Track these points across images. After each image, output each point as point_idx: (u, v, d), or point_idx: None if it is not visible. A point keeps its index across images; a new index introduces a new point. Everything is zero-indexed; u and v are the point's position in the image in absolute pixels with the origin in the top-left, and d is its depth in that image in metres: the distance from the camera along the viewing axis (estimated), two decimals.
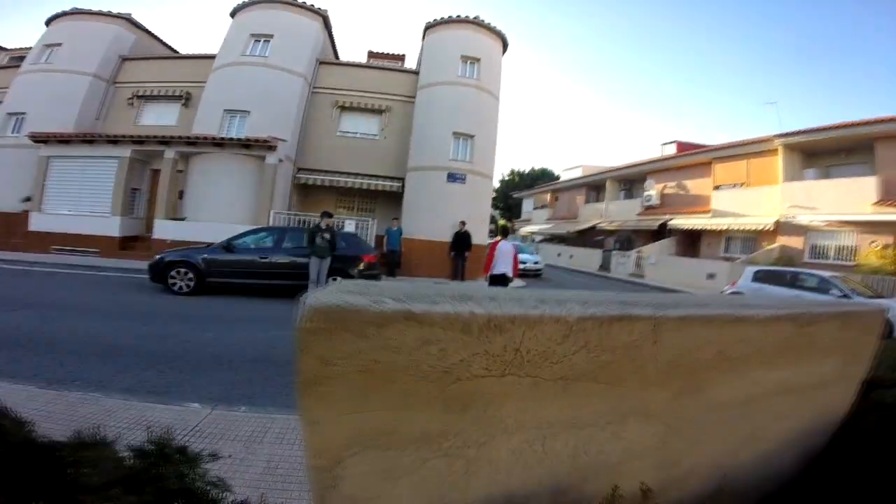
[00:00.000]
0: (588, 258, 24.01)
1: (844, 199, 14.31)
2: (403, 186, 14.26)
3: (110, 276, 9.90)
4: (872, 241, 13.74)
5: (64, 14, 15.60)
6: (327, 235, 7.83)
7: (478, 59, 14.55)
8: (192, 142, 12.66)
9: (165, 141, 12.74)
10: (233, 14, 15.19)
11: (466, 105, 14.17)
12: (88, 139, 13.05)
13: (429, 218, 13.20)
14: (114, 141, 12.97)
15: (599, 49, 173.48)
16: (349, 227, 12.32)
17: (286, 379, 4.01)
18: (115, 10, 15.70)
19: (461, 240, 12.67)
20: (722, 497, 0.71)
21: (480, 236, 13.96)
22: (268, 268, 8.31)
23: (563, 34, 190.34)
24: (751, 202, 17.35)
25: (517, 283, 13.91)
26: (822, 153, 16.40)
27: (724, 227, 18.17)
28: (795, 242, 15.86)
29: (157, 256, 8.38)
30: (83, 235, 12.70)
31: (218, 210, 12.50)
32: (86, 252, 12.52)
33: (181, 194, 13.54)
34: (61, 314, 5.78)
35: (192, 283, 8.05)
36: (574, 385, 0.73)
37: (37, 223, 12.84)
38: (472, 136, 14.05)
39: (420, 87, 14.78)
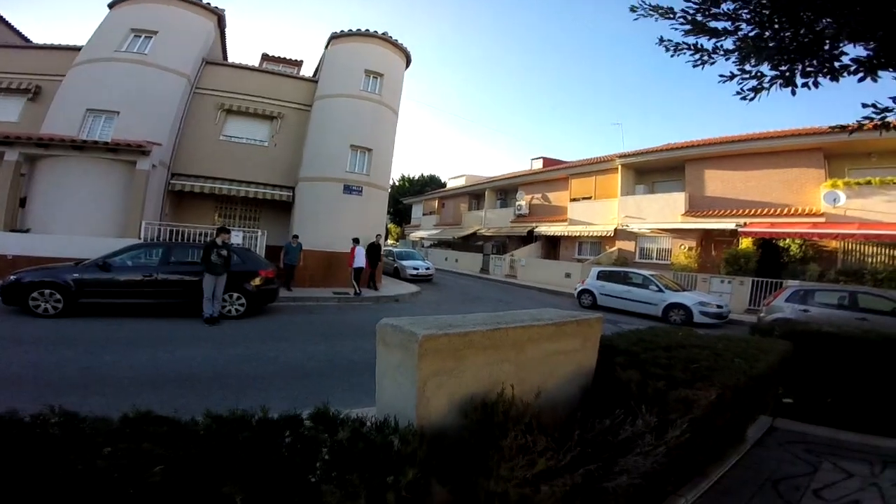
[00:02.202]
0: (471, 261, 26.13)
1: (663, 210, 18.04)
2: (294, 196, 14.20)
3: None
4: (681, 245, 17.69)
5: None
6: (224, 252, 7.80)
7: (381, 74, 14.92)
8: (44, 143, 10.96)
9: (7, 140, 10.80)
10: (111, 5, 13.45)
11: (366, 119, 14.49)
12: None
13: (324, 229, 13.30)
14: None
15: (484, 63, 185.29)
16: (236, 238, 11.89)
17: (226, 392, 4.24)
18: None
19: (374, 251, 13.48)
20: (541, 401, 1.66)
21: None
22: (155, 286, 7.93)
23: (459, 50, 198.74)
24: (597, 213, 20.85)
25: (411, 287, 14.98)
26: (650, 171, 20.34)
27: (577, 234, 21.59)
28: (629, 246, 19.56)
29: (12, 277, 7.44)
30: None
31: (74, 221, 11.03)
32: None
33: (23, 202, 11.62)
34: None
35: (59, 305, 7.36)
36: (491, 351, 1.60)
37: None
38: (370, 150, 14.48)
39: (319, 96, 14.72)
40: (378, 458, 0.95)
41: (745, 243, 14.91)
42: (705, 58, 3.07)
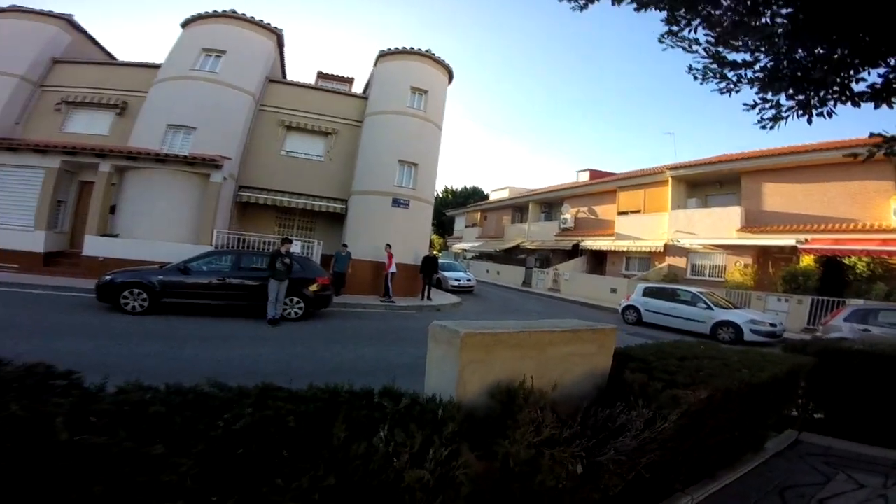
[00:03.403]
0: (513, 274, 26.24)
1: (717, 225, 17.40)
2: (346, 208, 15.11)
3: (44, 294, 9.56)
4: (736, 262, 16.99)
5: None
6: (287, 260, 8.62)
7: (426, 91, 15.66)
8: (132, 156, 12.42)
9: (101, 153, 12.35)
10: (184, 24, 14.96)
11: (412, 134, 15.23)
12: (12, 146, 12.26)
13: (372, 240, 14.02)
14: (41, 150, 12.29)
15: (526, 75, 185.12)
16: (295, 248, 12.86)
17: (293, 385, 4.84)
18: (56, 10, 14.88)
19: (429, 263, 14.21)
20: (557, 393, 2.00)
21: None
22: (227, 289, 8.86)
23: (504, 60, 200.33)
24: (646, 227, 20.39)
25: (453, 298, 15.44)
26: (703, 184, 19.70)
27: (625, 249, 21.18)
28: (680, 262, 18.99)
29: (106, 277, 8.53)
30: None
31: (155, 227, 12.35)
32: (1, 268, 11.77)
33: (113, 209, 13.15)
34: (30, 335, 6.02)
35: (145, 304, 8.37)
36: (517, 349, 1.98)
37: None
38: (416, 164, 15.20)
39: (368, 113, 15.61)
40: (428, 419, 1.35)
41: (806, 260, 14.17)
42: (731, 86, 3.29)
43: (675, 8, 2.61)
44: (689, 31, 3.00)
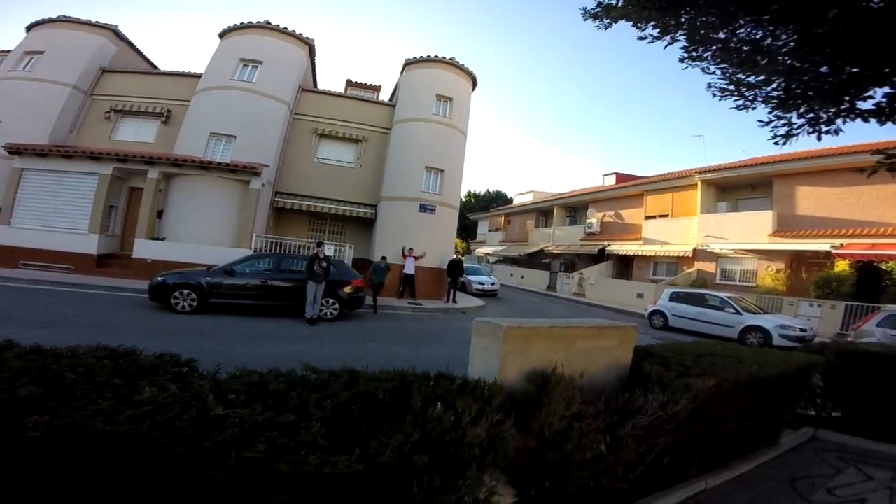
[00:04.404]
0: (537, 279, 26.30)
1: (748, 229, 17.10)
2: (376, 213, 15.64)
3: (99, 293, 10.21)
4: (768, 266, 16.67)
5: (49, 21, 15.46)
6: (324, 263, 9.13)
7: (451, 99, 16.11)
8: (178, 163, 13.21)
9: (150, 160, 13.16)
10: (221, 35, 15.71)
11: (438, 141, 15.70)
12: (67, 153, 13.15)
13: (401, 244, 14.49)
14: (95, 157, 13.10)
15: (552, 78, 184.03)
16: (328, 251, 13.42)
17: None
18: (102, 21, 15.78)
19: (455, 267, 14.61)
20: (583, 381, 2.30)
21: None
22: (268, 290, 9.44)
23: (523, 66, 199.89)
24: (674, 231, 20.19)
25: (477, 301, 15.74)
26: (732, 188, 19.38)
27: (653, 254, 20.97)
28: (709, 267, 18.72)
29: (159, 279, 9.17)
30: (55, 252, 12.69)
31: (199, 231, 13.06)
32: (58, 269, 12.61)
33: (160, 214, 13.94)
34: (93, 332, 6.61)
35: (194, 304, 8.99)
36: (549, 341, 2.29)
37: (4, 237, 12.70)
38: (442, 171, 15.65)
39: (396, 121, 16.16)
40: (479, 394, 1.69)
41: (841, 265, 13.86)
42: (747, 104, 3.53)
43: (691, 41, 2.88)
44: (707, 57, 3.27)
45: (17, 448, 1.18)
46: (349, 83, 19.77)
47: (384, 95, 19.32)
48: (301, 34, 16.15)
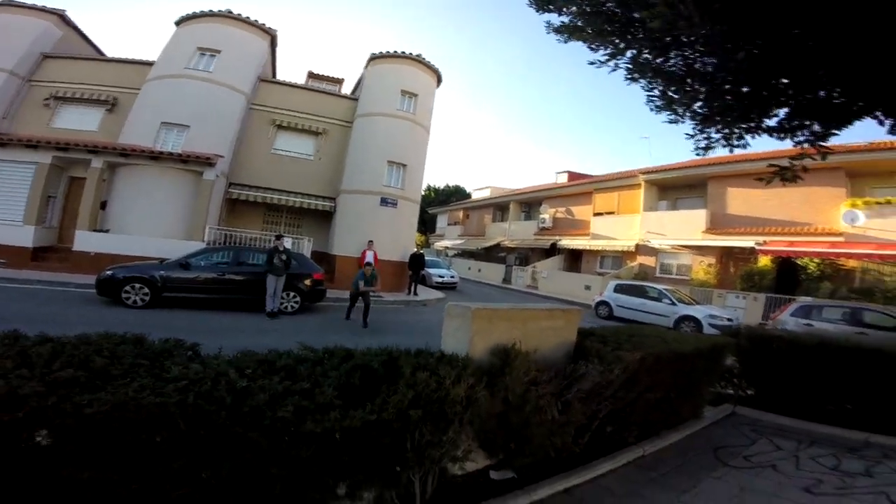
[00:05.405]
0: (494, 272, 27.11)
1: (685, 226, 18.47)
2: (335, 206, 15.60)
3: (39, 288, 9.65)
4: (701, 261, 18.18)
5: None
6: (284, 256, 9.14)
7: (416, 95, 16.23)
8: (125, 153, 12.57)
9: (94, 149, 12.44)
10: (178, 23, 15.03)
11: (402, 136, 15.83)
12: (1, 141, 12.23)
13: (361, 238, 14.47)
14: (32, 145, 12.27)
15: (510, 79, 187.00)
16: (286, 244, 13.25)
17: None
18: (49, 6, 14.74)
19: (416, 260, 14.93)
20: (537, 356, 2.71)
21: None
22: (226, 283, 9.33)
23: (485, 68, 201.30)
24: (620, 228, 21.47)
25: (437, 294, 16.13)
26: (672, 188, 20.75)
27: (600, 248, 22.26)
28: (650, 261, 20.12)
29: (108, 272, 8.78)
30: None
31: (147, 223, 12.52)
32: None
33: (104, 205, 13.24)
34: (47, 329, 6.31)
35: (147, 298, 8.71)
36: (509, 322, 2.69)
37: None
38: (404, 166, 15.81)
39: (359, 115, 16.09)
40: (455, 363, 2.06)
41: (764, 261, 15.38)
42: (677, 118, 4.11)
43: (634, 65, 3.39)
44: (647, 78, 3.80)
45: (74, 425, 1.36)
46: (311, 75, 19.33)
47: (346, 89, 19.11)
48: (264, 24, 15.69)
